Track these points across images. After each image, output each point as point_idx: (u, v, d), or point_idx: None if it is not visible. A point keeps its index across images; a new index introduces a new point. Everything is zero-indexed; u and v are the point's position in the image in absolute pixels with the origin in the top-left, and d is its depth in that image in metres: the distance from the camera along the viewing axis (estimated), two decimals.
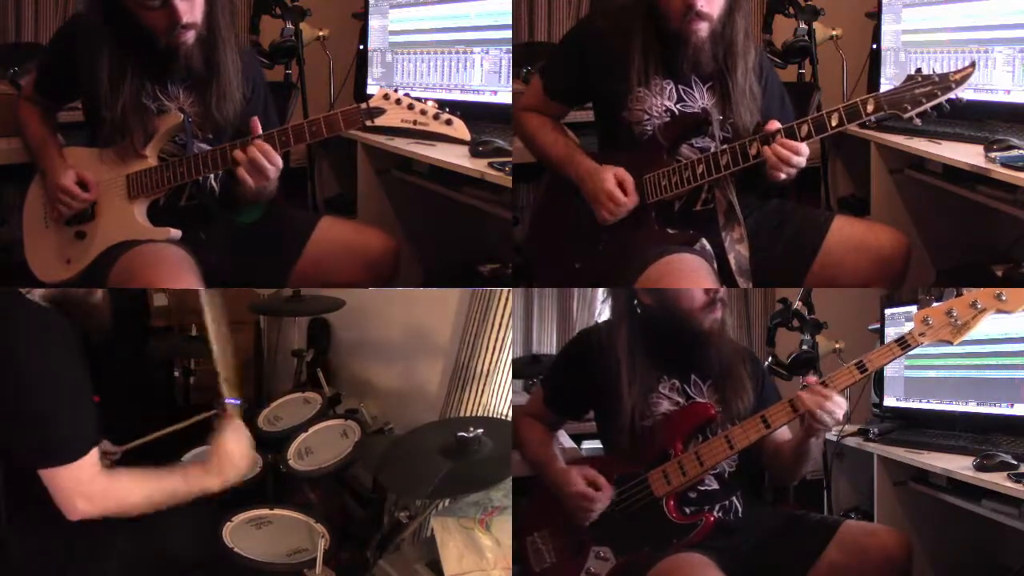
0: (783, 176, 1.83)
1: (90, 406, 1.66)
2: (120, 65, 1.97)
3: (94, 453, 1.58)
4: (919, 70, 1.73)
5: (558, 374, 2.18)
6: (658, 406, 1.92)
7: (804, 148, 1.81)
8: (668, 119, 1.98)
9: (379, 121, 1.83)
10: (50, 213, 2.11)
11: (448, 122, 1.82)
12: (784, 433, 1.95)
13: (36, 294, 1.68)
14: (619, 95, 1.99)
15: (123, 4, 1.90)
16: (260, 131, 1.91)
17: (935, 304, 1.76)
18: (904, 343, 1.74)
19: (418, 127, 1.83)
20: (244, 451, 1.78)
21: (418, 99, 1.83)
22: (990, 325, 2.31)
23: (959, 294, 1.77)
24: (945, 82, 1.69)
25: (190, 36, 1.94)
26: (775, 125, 1.84)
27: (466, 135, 1.84)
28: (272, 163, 1.89)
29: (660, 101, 1.98)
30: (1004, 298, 1.71)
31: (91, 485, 1.57)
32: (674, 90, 1.99)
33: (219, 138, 2.04)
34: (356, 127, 1.88)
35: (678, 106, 1.99)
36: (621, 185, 1.97)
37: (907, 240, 2.03)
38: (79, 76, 2.02)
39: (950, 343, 1.74)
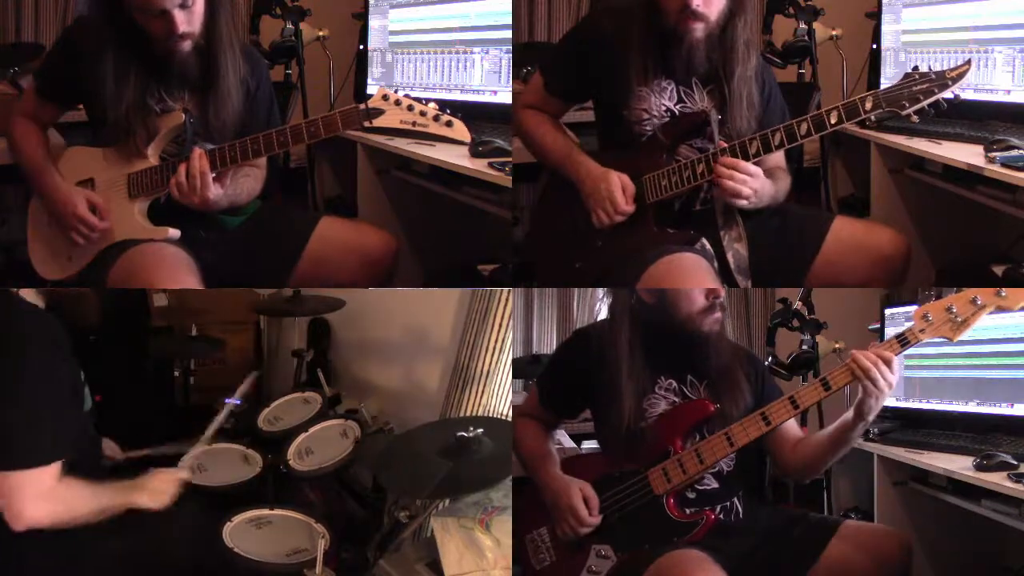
0: (741, 202, 1.86)
1: (69, 416, 1.64)
2: (123, 66, 1.97)
3: (56, 466, 1.55)
4: (916, 68, 1.73)
5: (553, 374, 2.17)
6: (655, 406, 1.92)
7: (756, 168, 1.83)
8: (668, 119, 1.98)
9: (378, 122, 1.83)
10: (64, 240, 2.08)
11: (448, 123, 1.82)
12: (796, 429, 1.94)
13: (27, 293, 1.68)
14: (620, 93, 1.99)
15: (125, 7, 1.91)
16: (196, 158, 1.91)
17: (935, 300, 1.76)
18: (904, 339, 1.74)
19: (417, 128, 1.83)
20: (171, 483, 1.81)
21: (418, 100, 1.83)
22: (990, 325, 2.32)
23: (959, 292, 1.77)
24: (942, 80, 1.70)
25: (186, 45, 1.95)
26: (723, 144, 1.88)
27: (466, 137, 1.83)
28: (200, 189, 1.90)
29: (661, 101, 1.98)
30: (1004, 295, 1.71)
31: (49, 494, 1.53)
32: (675, 91, 1.99)
33: (221, 138, 2.04)
34: (355, 128, 1.88)
35: (678, 107, 1.99)
36: (624, 192, 1.97)
37: (907, 240, 2.03)
38: (83, 77, 2.02)
39: (949, 340, 1.74)
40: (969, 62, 1.70)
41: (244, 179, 2.08)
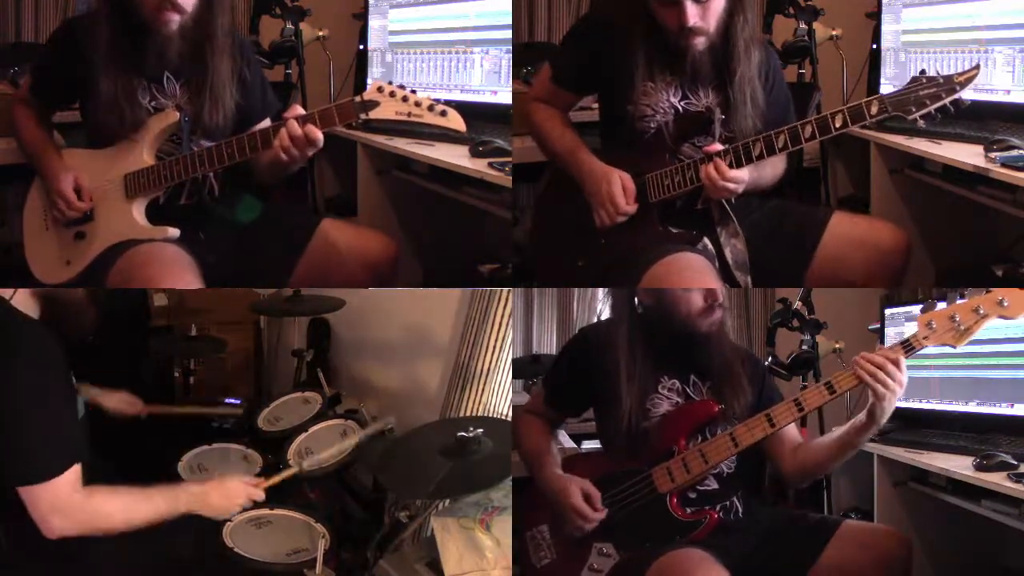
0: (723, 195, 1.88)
1: (72, 423, 1.64)
2: (118, 62, 1.97)
3: (74, 470, 1.56)
4: (923, 71, 1.71)
5: (558, 372, 2.17)
6: (658, 407, 1.91)
7: (740, 175, 1.85)
8: (673, 116, 1.98)
9: (373, 114, 1.82)
10: (49, 216, 2.11)
11: (443, 113, 1.81)
12: (795, 433, 1.94)
13: (22, 294, 1.68)
14: (625, 87, 1.99)
15: None
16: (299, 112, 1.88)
17: (939, 307, 1.76)
18: (908, 345, 1.74)
19: (412, 119, 1.82)
20: (242, 496, 1.81)
21: (412, 91, 1.82)
22: (990, 326, 2.31)
23: (961, 295, 1.77)
24: (949, 84, 1.67)
25: (174, 19, 1.93)
26: (716, 147, 1.87)
27: (461, 126, 1.83)
28: (311, 141, 1.87)
29: (665, 97, 1.98)
30: (1006, 304, 1.72)
31: (68, 503, 1.55)
32: (679, 88, 1.98)
33: (218, 132, 2.03)
34: (351, 120, 1.86)
35: (682, 103, 1.98)
36: (625, 192, 1.97)
37: (907, 236, 2.02)
38: (77, 76, 2.01)
39: (953, 347, 1.75)
40: (978, 67, 1.68)
41: None
